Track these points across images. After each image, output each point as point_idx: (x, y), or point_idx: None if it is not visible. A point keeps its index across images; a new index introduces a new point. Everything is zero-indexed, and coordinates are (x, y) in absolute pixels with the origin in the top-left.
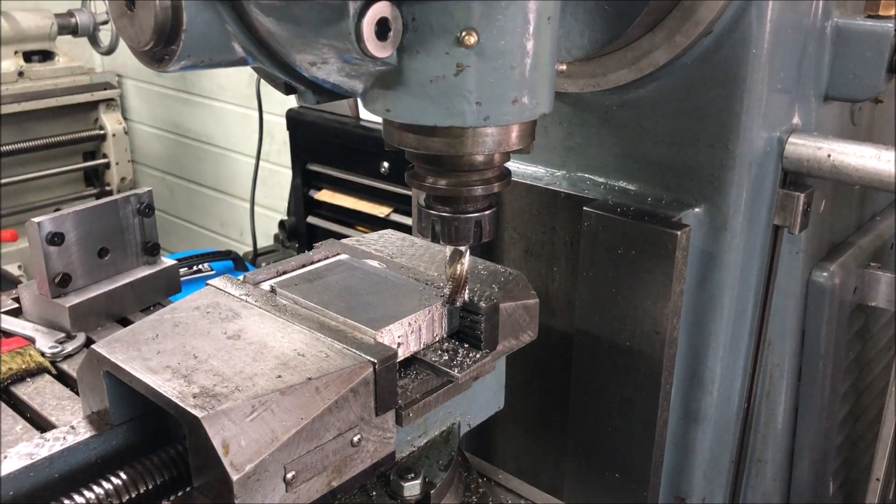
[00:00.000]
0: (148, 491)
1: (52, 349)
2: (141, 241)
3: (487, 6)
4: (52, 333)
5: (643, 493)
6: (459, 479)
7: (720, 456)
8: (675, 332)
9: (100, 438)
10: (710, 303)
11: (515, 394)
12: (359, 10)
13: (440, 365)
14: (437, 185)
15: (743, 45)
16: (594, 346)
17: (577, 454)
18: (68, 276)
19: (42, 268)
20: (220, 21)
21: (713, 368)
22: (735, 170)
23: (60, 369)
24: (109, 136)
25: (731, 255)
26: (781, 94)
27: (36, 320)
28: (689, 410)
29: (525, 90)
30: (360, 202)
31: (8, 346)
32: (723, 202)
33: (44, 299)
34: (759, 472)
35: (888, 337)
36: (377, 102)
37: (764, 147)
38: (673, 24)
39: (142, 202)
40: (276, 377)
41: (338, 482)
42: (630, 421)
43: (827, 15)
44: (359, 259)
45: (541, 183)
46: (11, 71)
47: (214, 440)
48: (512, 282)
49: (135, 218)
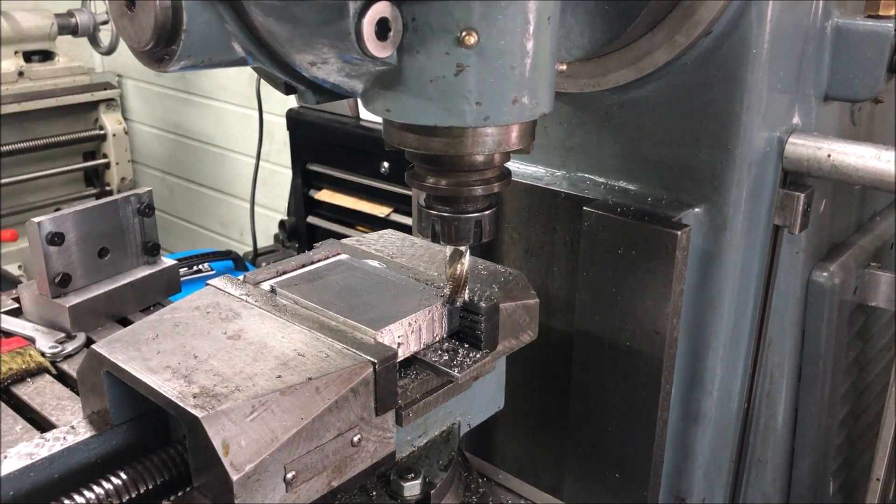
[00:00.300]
0: (148, 491)
1: (52, 349)
2: (141, 241)
3: (487, 6)
4: (52, 333)
5: (643, 493)
6: (459, 479)
7: (720, 456)
8: (676, 332)
9: (100, 438)
10: (710, 303)
11: (515, 394)
12: (359, 10)
13: (440, 365)
14: (438, 185)
15: (743, 45)
16: (594, 346)
17: (577, 454)
18: (68, 276)
19: (42, 268)
20: (220, 21)
21: (713, 368)
22: (735, 170)
23: (60, 369)
24: (109, 136)
25: (731, 255)
26: (781, 94)
27: (36, 320)
28: (689, 410)
29: (525, 90)
30: (360, 202)
31: (8, 346)
32: (723, 202)
33: (44, 299)
34: (759, 472)
35: (888, 337)
36: (377, 102)
37: (764, 147)
38: (673, 24)
39: (142, 202)
40: (276, 377)
41: (338, 482)
42: (630, 421)
43: (827, 15)
44: (359, 259)
45: (541, 183)
46: (11, 71)
47: (214, 440)
48: (512, 282)
49: (135, 218)
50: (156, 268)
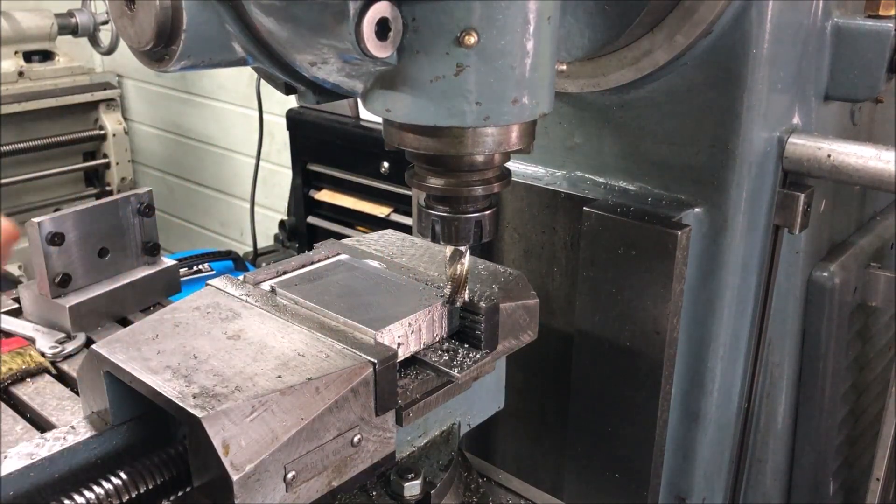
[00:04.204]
0: (148, 491)
1: (52, 349)
2: (141, 242)
3: (487, 6)
4: (52, 333)
5: (643, 493)
6: (459, 479)
7: (720, 456)
8: (676, 332)
9: (100, 438)
10: (710, 303)
11: (515, 394)
12: (359, 10)
13: (440, 365)
14: (437, 185)
15: (743, 45)
16: (594, 346)
17: (577, 454)
18: (68, 277)
19: (42, 268)
20: (219, 21)
21: (713, 368)
22: (735, 170)
23: (60, 369)
24: (110, 136)
25: (732, 255)
26: (781, 94)
27: (36, 320)
28: (689, 410)
29: (525, 90)
30: (360, 202)
31: (8, 346)
32: (723, 202)
33: (44, 299)
34: (759, 472)
35: (888, 337)
36: (377, 102)
37: (764, 147)
38: (673, 24)
39: (142, 202)
40: (276, 377)
41: (338, 482)
42: (630, 421)
43: (827, 15)
44: (359, 259)
45: (541, 183)
46: (11, 71)
47: (214, 440)
48: (512, 282)
49: (135, 218)
50: (156, 268)
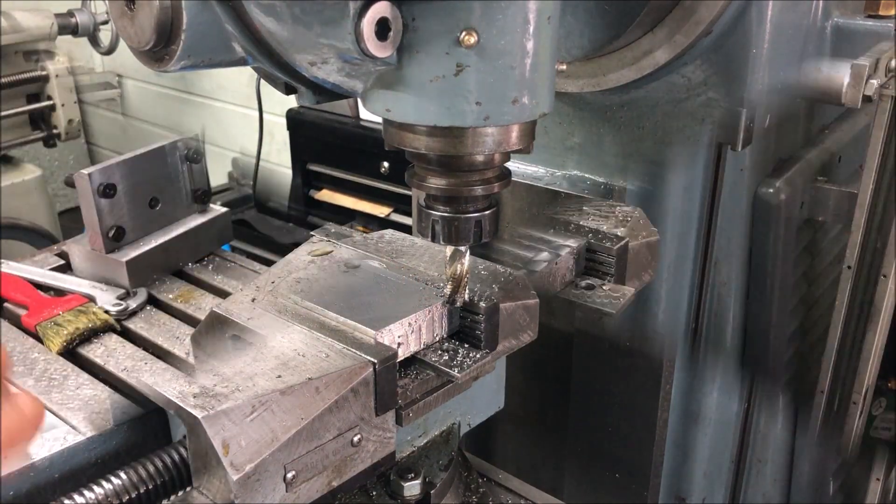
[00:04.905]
0: (148, 491)
1: (115, 307)
2: (191, 190)
3: (487, 6)
4: (111, 290)
5: (643, 493)
6: (459, 479)
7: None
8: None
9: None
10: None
11: (515, 394)
12: (359, 10)
13: (440, 365)
14: (437, 185)
15: (743, 45)
16: (594, 346)
17: (577, 454)
18: (122, 230)
19: (95, 221)
20: (219, 21)
21: (658, 290)
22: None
23: (126, 327)
24: (52, 76)
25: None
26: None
27: (89, 277)
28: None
29: (525, 90)
30: (360, 202)
31: (68, 304)
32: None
33: (97, 255)
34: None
35: (837, 251)
36: (377, 102)
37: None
38: (673, 23)
39: (189, 147)
40: (276, 377)
41: (338, 482)
42: (630, 421)
43: (827, 15)
44: (359, 259)
45: (541, 183)
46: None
47: (214, 440)
48: (512, 282)
49: (183, 165)
50: (208, 216)
